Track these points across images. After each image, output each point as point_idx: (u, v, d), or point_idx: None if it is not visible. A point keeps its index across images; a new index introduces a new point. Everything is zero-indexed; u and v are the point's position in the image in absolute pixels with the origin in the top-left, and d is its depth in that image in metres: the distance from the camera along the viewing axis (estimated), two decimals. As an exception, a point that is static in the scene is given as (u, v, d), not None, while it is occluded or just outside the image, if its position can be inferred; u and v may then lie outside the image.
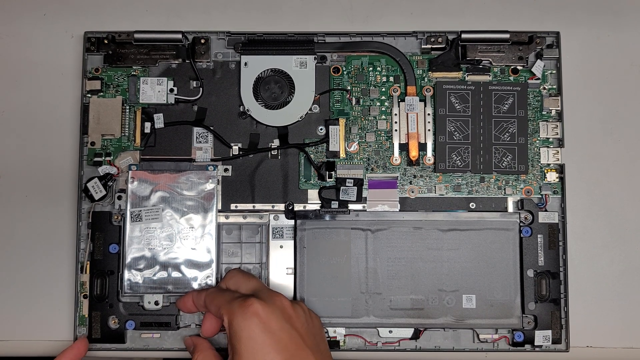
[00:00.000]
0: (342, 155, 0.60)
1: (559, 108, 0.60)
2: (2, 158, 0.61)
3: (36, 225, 0.61)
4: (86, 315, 0.58)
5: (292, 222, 0.59)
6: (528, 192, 0.59)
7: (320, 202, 0.59)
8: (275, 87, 0.60)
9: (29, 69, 0.62)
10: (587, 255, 0.60)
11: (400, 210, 0.59)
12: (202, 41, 0.60)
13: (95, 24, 0.62)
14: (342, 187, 0.59)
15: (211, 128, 0.60)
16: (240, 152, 0.60)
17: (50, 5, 0.63)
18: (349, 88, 0.61)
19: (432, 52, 0.61)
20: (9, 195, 0.61)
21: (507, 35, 0.60)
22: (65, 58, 0.62)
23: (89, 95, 0.60)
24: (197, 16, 0.63)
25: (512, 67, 0.60)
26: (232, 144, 0.60)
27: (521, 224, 0.59)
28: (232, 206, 0.60)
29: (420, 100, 0.60)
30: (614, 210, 0.61)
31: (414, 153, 0.60)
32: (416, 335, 0.58)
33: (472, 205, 0.60)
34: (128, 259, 0.57)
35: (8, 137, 0.62)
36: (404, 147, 0.60)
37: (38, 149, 0.61)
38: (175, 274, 0.58)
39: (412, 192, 0.60)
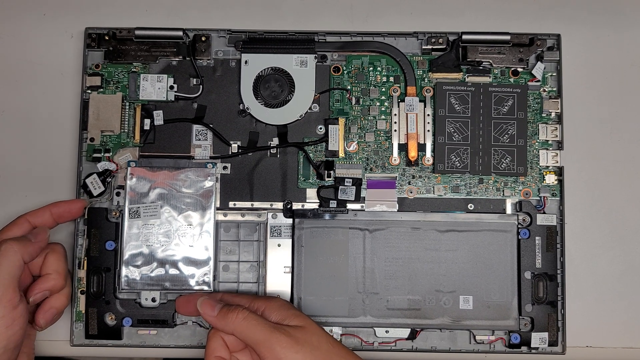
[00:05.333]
0: (341, 154, 0.60)
1: (559, 110, 0.60)
2: (2, 158, 0.61)
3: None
4: (83, 312, 0.58)
5: (290, 220, 0.59)
6: (526, 194, 0.59)
7: (318, 201, 0.59)
8: (275, 86, 0.60)
9: (29, 69, 0.62)
10: (587, 256, 0.60)
11: (398, 211, 0.59)
12: (203, 39, 0.61)
13: (95, 23, 0.62)
14: (340, 187, 0.59)
15: (211, 126, 0.60)
16: (240, 150, 0.60)
17: (50, 5, 0.63)
18: (349, 87, 0.61)
19: (432, 52, 0.61)
20: (9, 195, 0.61)
21: (507, 37, 0.60)
22: (65, 58, 0.62)
23: (89, 91, 0.60)
24: (197, 15, 0.63)
25: (512, 68, 0.60)
26: (231, 142, 0.60)
27: (519, 226, 0.59)
28: (231, 204, 0.60)
29: (420, 101, 0.60)
30: (614, 211, 0.61)
31: (413, 153, 0.60)
32: (413, 336, 0.58)
33: (471, 206, 0.60)
34: (126, 256, 0.57)
35: (8, 137, 0.62)
36: (403, 148, 0.60)
37: (38, 149, 0.61)
38: (172, 271, 0.58)
39: (411, 192, 0.60)
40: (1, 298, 0.50)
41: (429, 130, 0.60)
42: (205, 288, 0.57)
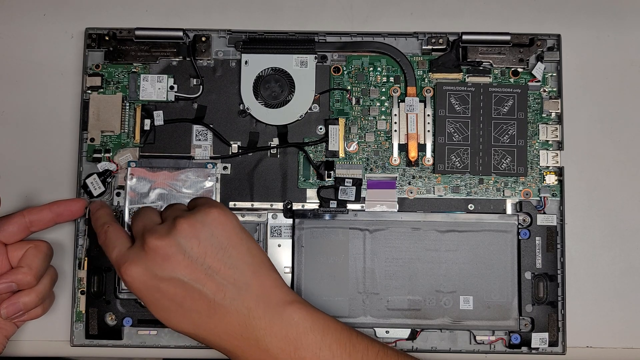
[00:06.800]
0: (342, 155, 0.60)
1: (559, 111, 0.60)
2: (2, 158, 0.61)
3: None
4: (83, 312, 0.58)
5: (290, 221, 0.59)
6: (527, 194, 0.59)
7: (318, 201, 0.59)
8: (276, 86, 0.60)
9: (28, 69, 0.62)
10: (587, 256, 0.60)
11: (398, 211, 0.59)
12: (203, 39, 0.61)
13: (95, 24, 0.62)
14: (340, 187, 0.59)
15: (211, 126, 0.60)
16: (240, 151, 0.60)
17: (50, 5, 0.63)
18: (349, 88, 0.61)
19: (432, 53, 0.61)
20: (9, 195, 0.61)
21: (508, 37, 0.60)
22: (65, 58, 0.62)
23: (89, 91, 0.60)
24: (197, 15, 0.63)
25: (512, 69, 0.60)
26: (231, 142, 0.60)
27: (519, 226, 0.59)
28: (231, 204, 0.60)
29: (420, 101, 0.60)
30: (614, 211, 0.61)
31: (413, 154, 0.60)
32: (413, 336, 0.58)
33: (471, 206, 0.60)
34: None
35: (8, 137, 0.62)
36: (403, 148, 0.60)
37: (38, 149, 0.61)
38: (172, 272, 0.58)
39: (411, 192, 0.60)
40: None
41: (429, 131, 0.60)
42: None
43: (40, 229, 0.56)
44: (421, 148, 0.60)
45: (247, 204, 0.60)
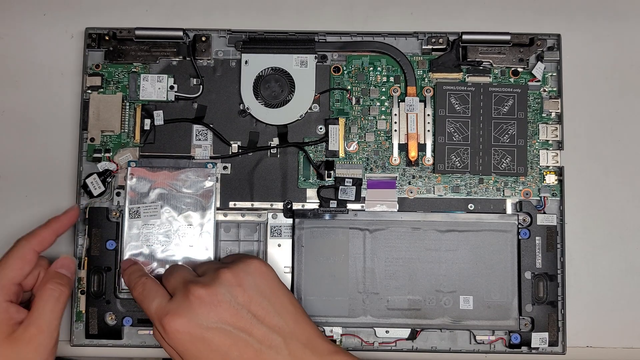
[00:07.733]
0: (342, 154, 0.60)
1: (559, 110, 0.60)
2: (2, 158, 0.61)
3: (36, 224, 0.60)
4: (83, 312, 0.58)
5: (290, 220, 0.59)
6: (527, 194, 0.59)
7: (318, 201, 0.59)
8: (276, 86, 0.60)
9: (29, 69, 0.62)
10: (587, 256, 0.60)
11: (398, 211, 0.59)
12: (203, 39, 0.61)
13: (95, 23, 0.62)
14: (340, 187, 0.59)
15: (211, 126, 0.60)
16: (240, 150, 0.60)
17: (50, 5, 0.63)
18: (349, 88, 0.61)
19: (432, 52, 0.61)
20: (9, 195, 0.61)
21: (508, 37, 0.60)
22: (65, 58, 0.62)
23: (89, 91, 0.60)
24: (198, 15, 0.63)
25: (512, 68, 0.60)
26: (231, 142, 0.60)
27: (519, 226, 0.59)
28: (231, 204, 0.60)
29: (420, 101, 0.60)
30: (614, 211, 0.61)
31: (413, 153, 0.60)
32: (413, 336, 0.58)
33: (471, 206, 0.60)
34: (126, 256, 0.57)
35: (8, 137, 0.62)
36: (403, 148, 0.60)
37: (38, 149, 0.61)
38: (172, 271, 0.58)
39: (411, 192, 0.60)
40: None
41: (429, 130, 0.60)
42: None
43: (45, 249, 0.55)
44: (421, 148, 0.60)
45: (247, 204, 0.60)
